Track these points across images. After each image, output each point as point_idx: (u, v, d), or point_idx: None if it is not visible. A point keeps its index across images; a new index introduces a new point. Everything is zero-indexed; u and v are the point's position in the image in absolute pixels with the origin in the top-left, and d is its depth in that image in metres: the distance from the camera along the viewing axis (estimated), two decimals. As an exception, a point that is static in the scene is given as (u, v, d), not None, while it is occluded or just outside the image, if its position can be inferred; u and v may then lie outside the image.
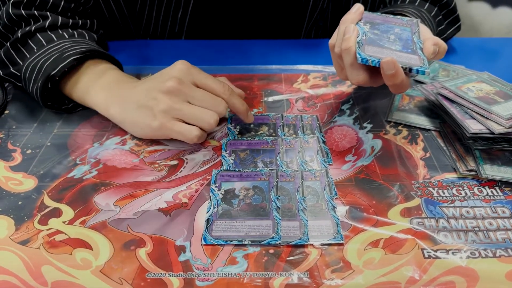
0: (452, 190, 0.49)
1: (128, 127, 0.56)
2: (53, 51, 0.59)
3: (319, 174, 0.50)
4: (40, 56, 0.59)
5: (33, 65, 0.59)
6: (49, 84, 0.58)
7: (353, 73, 0.52)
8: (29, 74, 0.59)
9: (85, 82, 0.59)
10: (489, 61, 0.76)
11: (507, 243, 0.43)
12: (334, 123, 0.60)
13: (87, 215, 0.46)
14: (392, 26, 0.57)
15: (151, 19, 0.79)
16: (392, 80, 0.50)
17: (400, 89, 0.51)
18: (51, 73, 0.57)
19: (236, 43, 0.80)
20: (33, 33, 0.62)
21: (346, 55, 0.52)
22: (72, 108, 0.62)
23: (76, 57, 0.58)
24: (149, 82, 0.55)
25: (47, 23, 0.63)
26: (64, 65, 0.57)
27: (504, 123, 0.50)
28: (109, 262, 0.41)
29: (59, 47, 0.60)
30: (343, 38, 0.52)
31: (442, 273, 0.40)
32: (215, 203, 0.47)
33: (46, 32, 0.63)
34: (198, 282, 0.40)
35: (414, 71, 0.50)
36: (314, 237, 0.43)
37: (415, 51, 0.53)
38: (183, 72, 0.54)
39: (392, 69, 0.49)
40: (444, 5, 0.75)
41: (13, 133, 0.58)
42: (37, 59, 0.59)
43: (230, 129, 0.59)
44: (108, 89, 0.58)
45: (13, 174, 0.52)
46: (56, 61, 0.58)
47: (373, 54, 0.51)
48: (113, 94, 0.57)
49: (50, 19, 0.63)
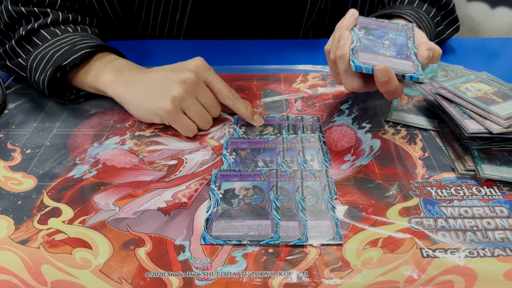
0: (451, 190, 0.49)
1: (132, 107, 0.58)
2: (63, 43, 0.61)
3: (319, 174, 0.50)
4: (50, 47, 0.61)
5: (42, 55, 0.60)
6: (58, 74, 0.60)
7: (348, 79, 0.53)
8: (36, 63, 0.60)
9: (96, 68, 0.61)
10: (487, 61, 0.76)
11: (505, 242, 0.43)
12: (333, 123, 0.60)
13: (87, 215, 0.46)
14: (387, 31, 0.57)
15: (149, 21, 0.79)
16: (385, 87, 0.50)
17: (394, 95, 0.52)
18: (62, 63, 0.59)
19: (235, 43, 0.80)
20: (37, 30, 0.63)
21: (340, 62, 0.52)
22: (75, 99, 0.64)
23: (88, 50, 0.60)
24: (165, 70, 0.58)
25: (49, 20, 0.64)
26: (76, 57, 0.59)
27: (502, 123, 0.50)
28: (109, 262, 0.41)
29: (68, 40, 0.62)
30: (338, 45, 0.53)
31: (440, 273, 0.40)
32: (215, 203, 0.47)
33: (50, 28, 0.64)
34: (198, 281, 0.40)
35: (408, 77, 0.51)
36: (313, 237, 0.43)
37: (409, 57, 0.53)
38: (200, 67, 0.57)
39: (385, 77, 0.49)
40: (442, 5, 0.76)
41: (12, 133, 0.58)
42: (46, 49, 0.61)
43: (236, 129, 0.59)
44: (119, 71, 0.60)
45: (12, 174, 0.52)
46: (67, 52, 0.60)
47: (367, 61, 0.51)
48: (124, 75, 0.60)
49: (52, 15, 0.65)
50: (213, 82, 0.58)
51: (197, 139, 0.58)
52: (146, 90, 0.57)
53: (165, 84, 0.55)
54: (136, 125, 0.60)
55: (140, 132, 0.59)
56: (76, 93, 0.64)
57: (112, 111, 0.62)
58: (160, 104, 0.55)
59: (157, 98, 0.55)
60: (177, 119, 0.56)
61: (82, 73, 0.62)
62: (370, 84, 0.53)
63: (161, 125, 0.60)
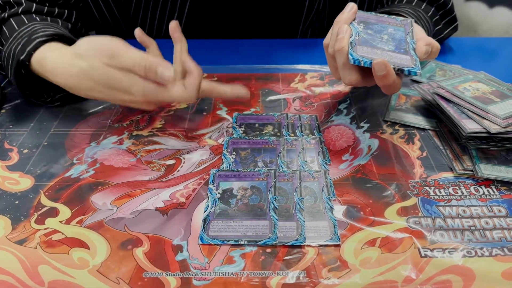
0: (449, 189, 0.49)
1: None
2: (23, 35, 0.58)
3: (317, 175, 0.50)
4: (12, 42, 0.58)
5: (8, 52, 0.58)
6: (22, 70, 0.57)
7: (346, 73, 0.52)
8: (6, 62, 0.58)
9: (41, 53, 0.56)
10: (485, 61, 0.76)
11: (503, 242, 0.43)
12: (331, 123, 0.60)
13: (84, 215, 0.46)
14: (386, 26, 0.57)
15: (146, 21, 0.79)
16: (383, 81, 0.50)
17: (391, 89, 0.52)
18: (20, 58, 0.56)
19: (233, 43, 0.80)
20: (6, 19, 0.61)
21: (339, 55, 0.52)
22: (50, 102, 0.61)
23: (43, 39, 0.56)
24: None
25: (20, 9, 0.62)
26: (31, 48, 0.55)
27: (500, 123, 0.50)
28: (106, 262, 0.41)
29: (28, 30, 0.58)
30: (336, 39, 0.53)
31: (438, 272, 0.40)
32: (213, 203, 0.47)
33: (20, 16, 0.62)
34: (195, 281, 0.40)
35: (406, 72, 0.51)
36: (310, 238, 0.43)
37: (408, 51, 0.53)
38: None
39: (383, 70, 0.49)
40: (441, 5, 0.76)
41: (9, 133, 0.58)
42: (10, 45, 0.58)
43: (235, 128, 0.59)
44: (51, 51, 0.55)
45: (9, 173, 0.51)
46: (24, 45, 0.56)
47: (365, 54, 0.51)
48: (67, 60, 0.53)
49: (24, 5, 0.63)
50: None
51: (195, 138, 0.57)
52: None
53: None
54: (134, 124, 0.60)
55: (138, 131, 0.58)
56: (53, 96, 0.61)
57: (109, 111, 0.62)
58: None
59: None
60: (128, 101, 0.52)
61: (39, 63, 0.56)
62: (368, 78, 0.53)
63: (159, 124, 0.59)
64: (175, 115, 0.62)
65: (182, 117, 0.61)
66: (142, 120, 0.61)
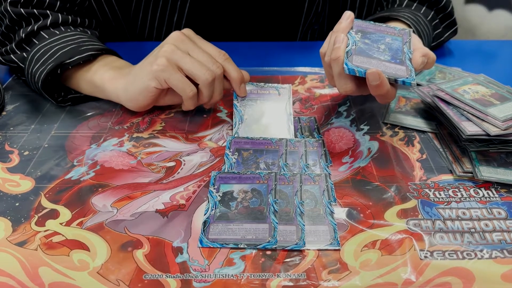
0: (448, 192, 0.49)
1: (127, 86, 0.58)
2: (69, 41, 0.61)
3: (318, 179, 0.50)
4: (54, 43, 0.61)
5: (46, 49, 0.60)
6: (58, 70, 0.60)
7: (341, 82, 0.53)
8: (38, 56, 0.60)
9: (96, 67, 0.62)
10: (485, 64, 0.77)
11: (503, 244, 0.43)
12: (331, 125, 0.60)
13: (84, 217, 0.46)
14: (383, 35, 0.57)
15: (146, 23, 0.79)
16: (377, 91, 0.51)
17: (386, 99, 0.53)
18: (64, 61, 0.59)
19: (233, 45, 0.80)
20: (36, 32, 0.63)
21: (334, 64, 0.53)
22: (62, 101, 0.63)
23: (93, 52, 0.61)
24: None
25: (48, 21, 0.64)
26: (81, 57, 0.60)
27: (500, 125, 0.50)
28: (106, 264, 0.41)
29: (75, 38, 0.62)
30: (333, 48, 0.53)
31: (438, 274, 0.40)
32: (213, 205, 0.47)
33: (49, 30, 0.64)
34: (195, 283, 0.40)
35: (400, 82, 0.51)
36: (310, 242, 0.43)
37: (404, 61, 0.53)
38: (179, 38, 0.57)
39: (377, 80, 0.49)
40: (441, 8, 0.76)
41: (10, 135, 0.58)
42: (50, 45, 0.61)
43: (236, 106, 0.60)
44: (119, 68, 0.61)
45: (10, 175, 0.52)
46: (72, 51, 0.60)
47: (360, 64, 0.52)
48: (123, 70, 0.60)
49: (51, 17, 0.64)
50: (200, 43, 0.58)
51: (195, 140, 0.58)
52: (138, 67, 0.58)
53: (154, 54, 0.57)
54: (134, 127, 0.60)
55: (138, 134, 0.59)
56: (64, 96, 0.63)
57: (110, 113, 0.62)
58: (154, 64, 0.54)
59: (149, 63, 0.56)
60: (173, 73, 0.54)
61: (81, 71, 0.62)
62: (363, 87, 0.53)
63: (160, 127, 0.60)
64: (175, 117, 0.62)
65: (182, 119, 0.62)
66: (143, 122, 0.61)
